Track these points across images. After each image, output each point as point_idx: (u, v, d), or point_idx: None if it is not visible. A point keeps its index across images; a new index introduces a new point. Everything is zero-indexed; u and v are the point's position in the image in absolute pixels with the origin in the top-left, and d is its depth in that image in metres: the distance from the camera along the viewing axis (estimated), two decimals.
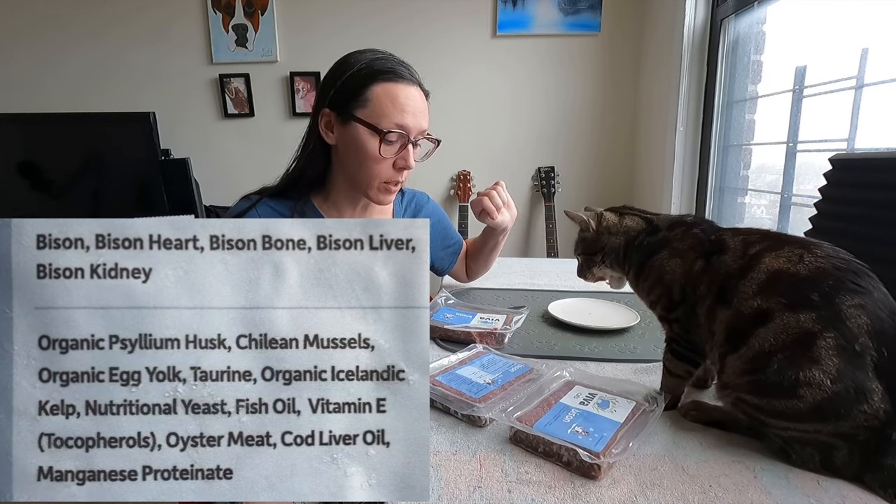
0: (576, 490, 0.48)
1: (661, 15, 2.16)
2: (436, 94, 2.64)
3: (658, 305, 0.66)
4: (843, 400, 0.48)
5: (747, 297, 0.54)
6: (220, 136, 2.58)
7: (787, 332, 0.50)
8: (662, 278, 0.64)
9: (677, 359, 0.64)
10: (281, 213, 0.88)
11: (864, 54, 1.24)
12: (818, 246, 0.54)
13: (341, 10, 2.42)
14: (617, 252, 0.70)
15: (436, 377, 0.67)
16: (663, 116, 2.10)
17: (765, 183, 1.78)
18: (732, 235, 0.60)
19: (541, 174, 2.47)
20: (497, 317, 0.92)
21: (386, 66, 0.82)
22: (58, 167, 2.16)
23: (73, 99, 2.50)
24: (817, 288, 0.50)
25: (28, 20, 2.47)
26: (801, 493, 0.48)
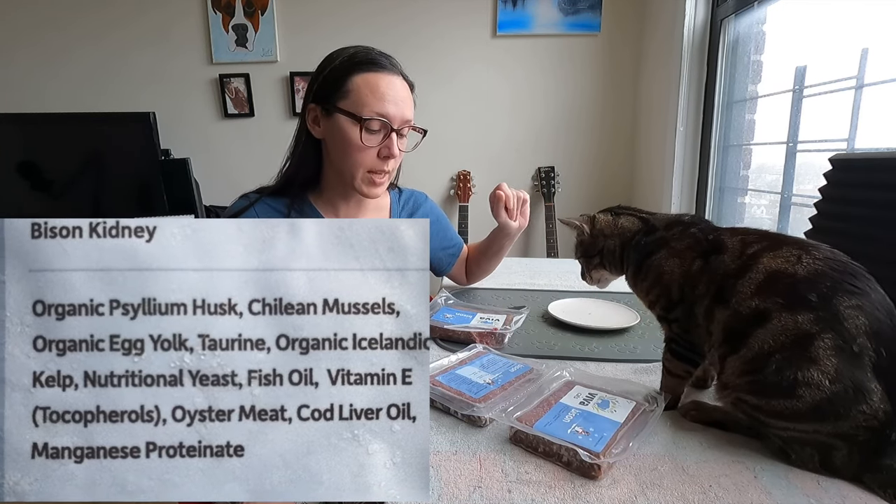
0: (576, 490, 0.48)
1: (661, 15, 2.16)
2: (436, 93, 2.62)
3: (657, 305, 0.66)
4: (842, 400, 0.48)
5: (745, 298, 0.54)
6: (220, 136, 2.58)
7: (786, 332, 0.50)
8: (661, 278, 0.64)
9: (676, 359, 0.64)
10: (279, 211, 0.89)
11: (864, 54, 1.24)
12: (816, 247, 0.54)
13: (341, 10, 2.42)
14: (613, 253, 0.71)
15: (436, 377, 0.67)
16: (663, 116, 2.10)
17: (765, 183, 1.78)
18: (731, 235, 0.60)
19: (541, 174, 2.47)
20: (497, 317, 0.92)
21: (366, 57, 0.84)
22: (58, 167, 2.16)
23: (74, 100, 2.50)
24: (815, 289, 0.50)
25: (29, 22, 2.47)
26: (801, 493, 0.48)
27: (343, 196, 0.94)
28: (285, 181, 0.91)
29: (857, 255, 0.53)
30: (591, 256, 0.73)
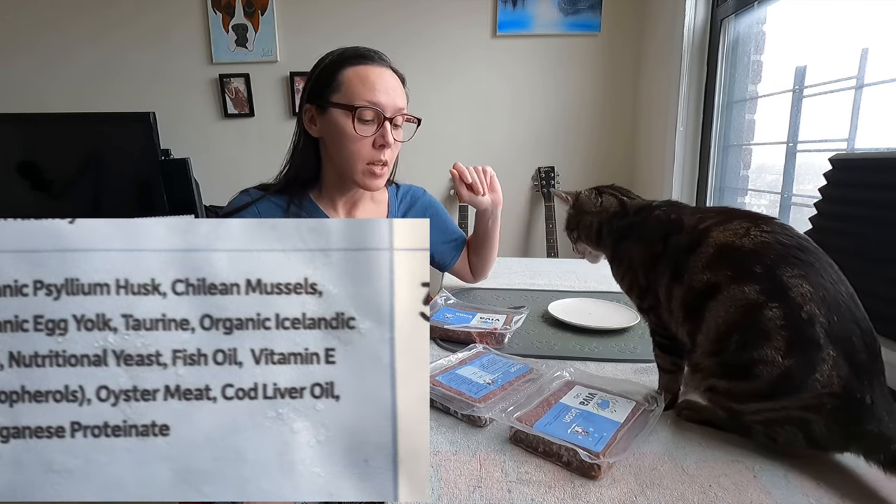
0: (576, 490, 0.48)
1: (661, 15, 2.16)
2: (436, 93, 2.62)
3: (633, 293, 0.67)
4: (797, 372, 0.48)
5: (697, 272, 0.55)
6: (220, 136, 2.58)
7: (735, 304, 0.52)
8: (631, 263, 0.65)
9: (663, 352, 0.64)
10: (280, 207, 0.91)
11: (864, 54, 1.24)
12: (766, 221, 0.54)
13: (341, 10, 2.42)
14: (590, 229, 0.72)
15: (436, 377, 0.67)
16: (663, 116, 2.10)
17: (765, 183, 1.78)
18: (691, 214, 0.61)
19: (541, 174, 2.47)
20: (497, 317, 0.92)
21: (355, 52, 0.87)
22: (58, 167, 2.16)
23: (75, 101, 2.51)
24: (760, 261, 0.51)
25: (29, 23, 2.47)
26: (801, 493, 0.48)
27: (341, 192, 0.96)
28: (286, 182, 0.93)
29: (856, 254, 0.53)
30: (570, 230, 0.76)
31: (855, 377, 0.48)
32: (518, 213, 2.58)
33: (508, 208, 2.56)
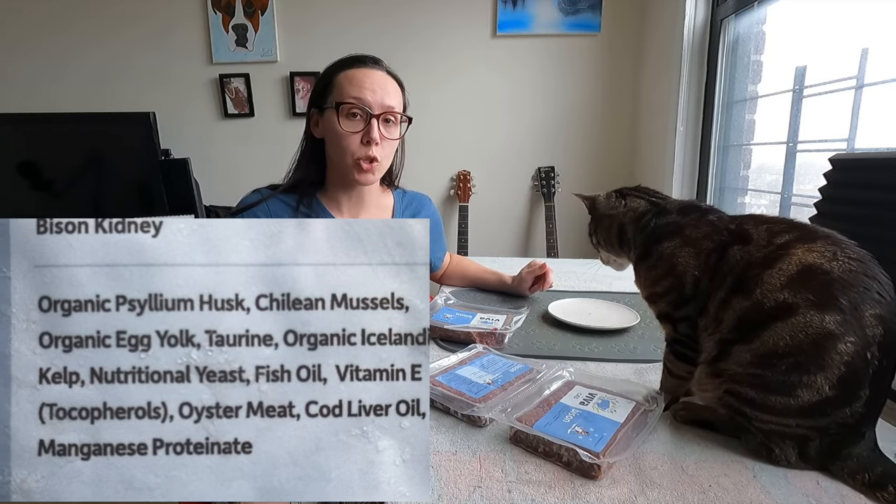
0: (576, 490, 0.48)
1: (661, 15, 2.16)
2: (436, 93, 2.63)
3: (663, 300, 0.62)
4: (833, 403, 0.49)
5: (773, 290, 0.52)
6: (220, 136, 2.57)
7: (807, 331, 0.49)
8: (674, 269, 0.60)
9: (680, 360, 0.63)
10: (289, 206, 0.95)
11: (864, 54, 1.24)
12: (848, 245, 0.52)
13: (341, 10, 2.42)
14: (609, 231, 0.70)
15: (436, 377, 0.67)
16: (663, 116, 2.10)
17: (765, 183, 1.78)
18: (754, 224, 0.57)
19: (541, 174, 2.47)
20: (497, 317, 0.92)
21: (351, 58, 0.93)
22: (58, 167, 2.15)
23: (76, 101, 2.51)
24: (847, 292, 0.49)
25: (31, 26, 2.47)
26: (801, 493, 0.48)
27: (345, 191, 0.99)
28: (293, 183, 0.98)
29: None
30: (590, 234, 0.75)
31: (868, 414, 0.49)
32: (518, 213, 2.58)
33: (508, 208, 2.56)
